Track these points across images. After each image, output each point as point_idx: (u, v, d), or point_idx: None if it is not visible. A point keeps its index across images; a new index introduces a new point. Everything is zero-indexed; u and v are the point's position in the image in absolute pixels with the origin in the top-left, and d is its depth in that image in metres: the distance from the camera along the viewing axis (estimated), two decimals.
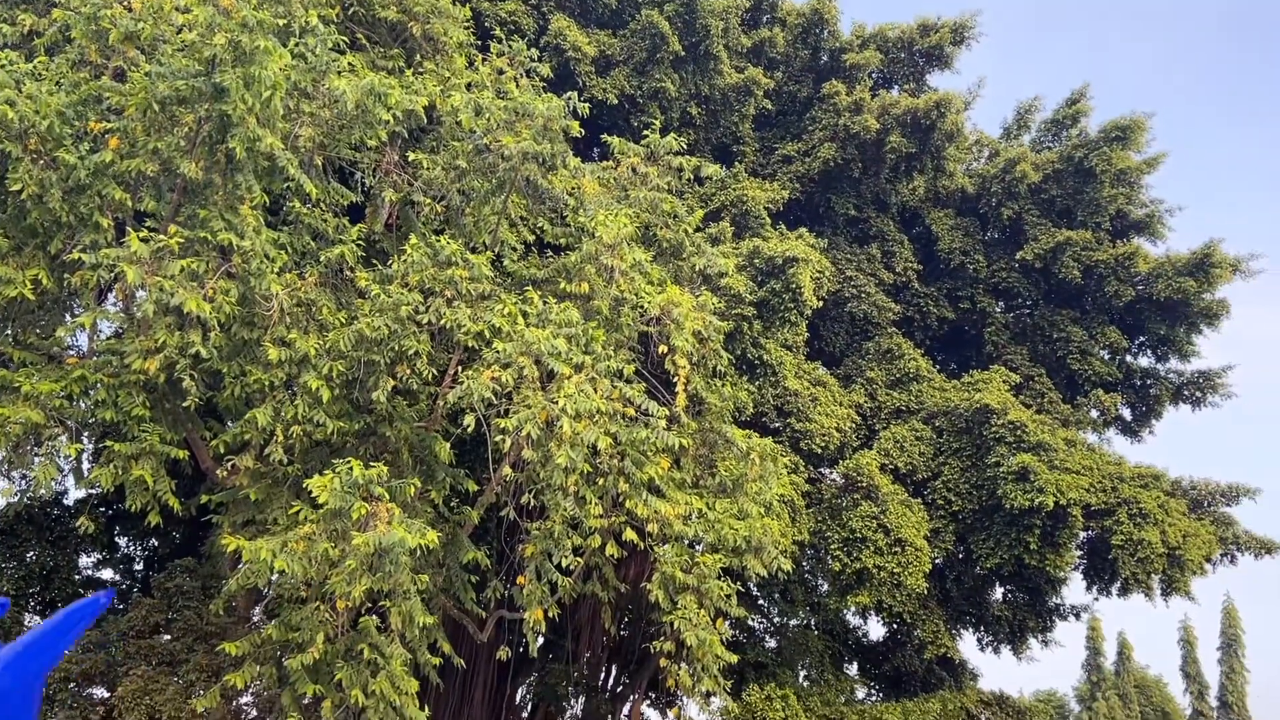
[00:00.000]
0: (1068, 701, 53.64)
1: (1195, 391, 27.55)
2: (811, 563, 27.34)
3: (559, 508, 13.27)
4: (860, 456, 23.33)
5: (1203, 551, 23.95)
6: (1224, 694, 47.21)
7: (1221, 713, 46.86)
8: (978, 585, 27.29)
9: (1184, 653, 47.89)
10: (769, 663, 25.53)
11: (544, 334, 13.10)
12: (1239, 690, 47.16)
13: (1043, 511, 22.38)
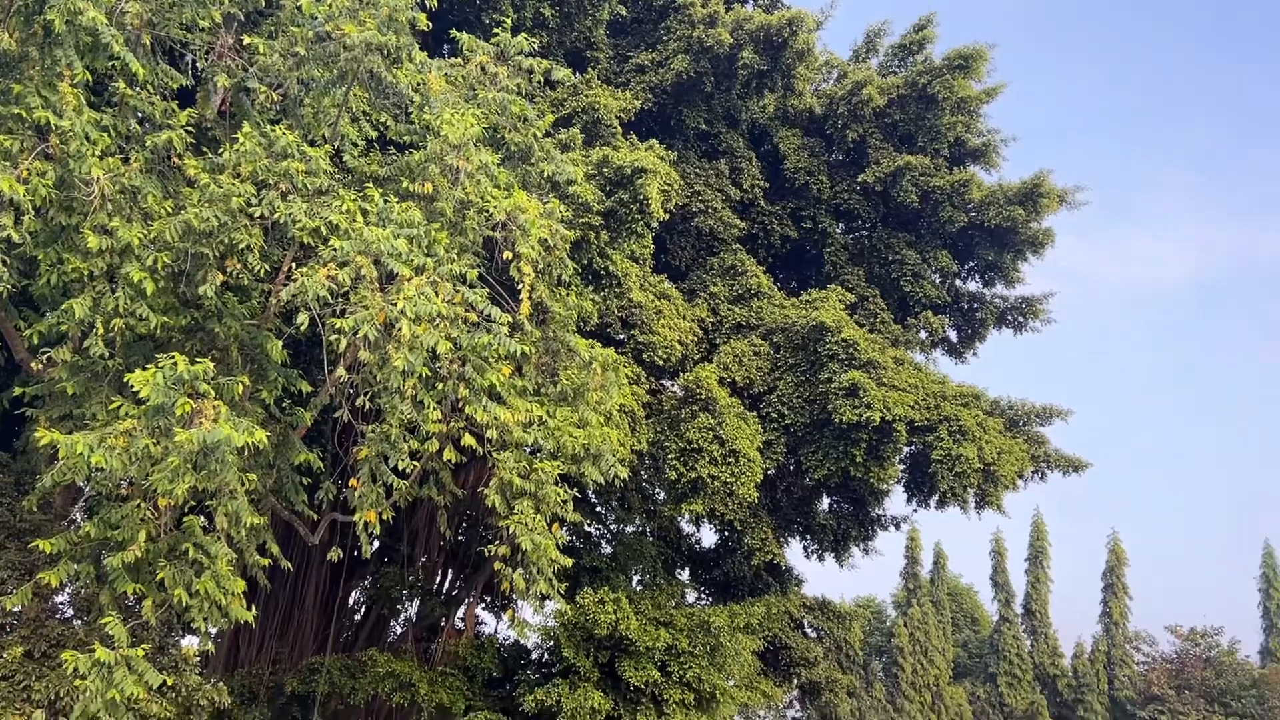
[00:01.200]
0: (885, 607, 56.56)
1: (1018, 316, 28.90)
2: (649, 472, 27.81)
3: (396, 411, 13.10)
4: (700, 369, 23.71)
5: (1016, 468, 25.31)
6: (1029, 602, 50.47)
7: (1025, 619, 50.13)
8: (806, 496, 28.30)
9: (994, 563, 50.86)
10: (604, 568, 26.01)
11: (384, 233, 12.77)
12: (1042, 598, 50.49)
13: (870, 426, 23.22)
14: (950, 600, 51.11)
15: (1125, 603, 50.50)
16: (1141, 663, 50.52)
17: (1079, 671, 48.57)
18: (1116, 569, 50.89)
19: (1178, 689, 47.75)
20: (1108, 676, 48.58)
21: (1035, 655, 49.18)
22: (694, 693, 22.27)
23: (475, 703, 22.84)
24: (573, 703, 21.13)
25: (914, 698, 44.68)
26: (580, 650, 22.10)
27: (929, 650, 45.99)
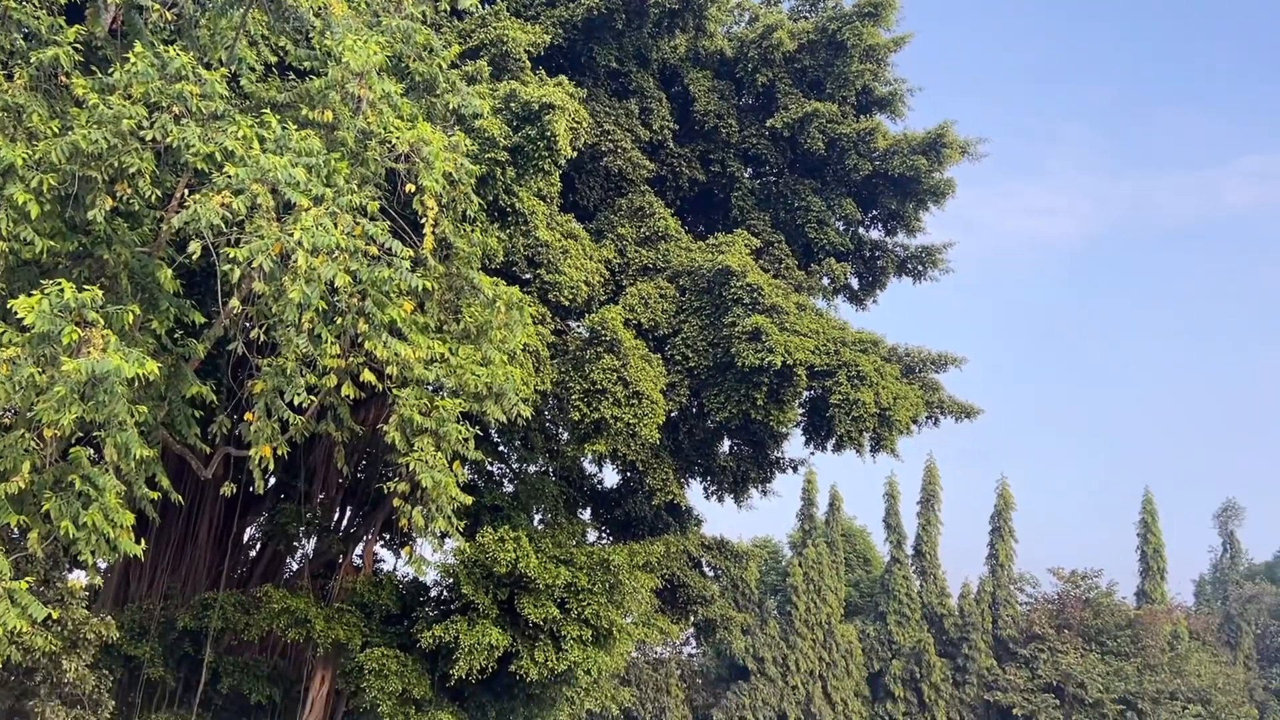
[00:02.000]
0: (781, 547, 57.74)
1: (918, 265, 29.42)
2: (553, 412, 27.83)
3: (292, 345, 12.85)
4: (606, 311, 23.70)
5: (910, 413, 25.88)
6: (919, 543, 51.98)
7: (915, 560, 51.63)
8: (707, 438, 28.61)
9: (887, 506, 52.15)
10: (505, 506, 26.04)
11: (281, 161, 12.41)
12: (932, 540, 52.04)
13: (771, 370, 23.51)
14: (844, 541, 52.33)
15: (1011, 545, 52.32)
16: (1024, 603, 52.52)
17: (965, 611, 50.28)
18: (1004, 513, 52.64)
19: (1058, 628, 49.79)
20: (992, 616, 50.38)
21: (924, 595, 50.76)
22: (592, 629, 22.52)
23: (372, 639, 22.81)
24: (470, 639, 21.22)
25: (806, 635, 45.86)
26: (479, 588, 22.16)
27: (822, 589, 47.16)
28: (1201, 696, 49.25)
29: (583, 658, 22.37)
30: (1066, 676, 46.99)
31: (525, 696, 24.00)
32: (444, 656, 22.14)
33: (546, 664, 21.95)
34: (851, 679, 46.42)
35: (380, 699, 21.75)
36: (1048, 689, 47.09)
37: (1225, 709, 49.94)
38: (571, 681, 23.10)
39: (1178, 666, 49.93)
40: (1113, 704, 46.64)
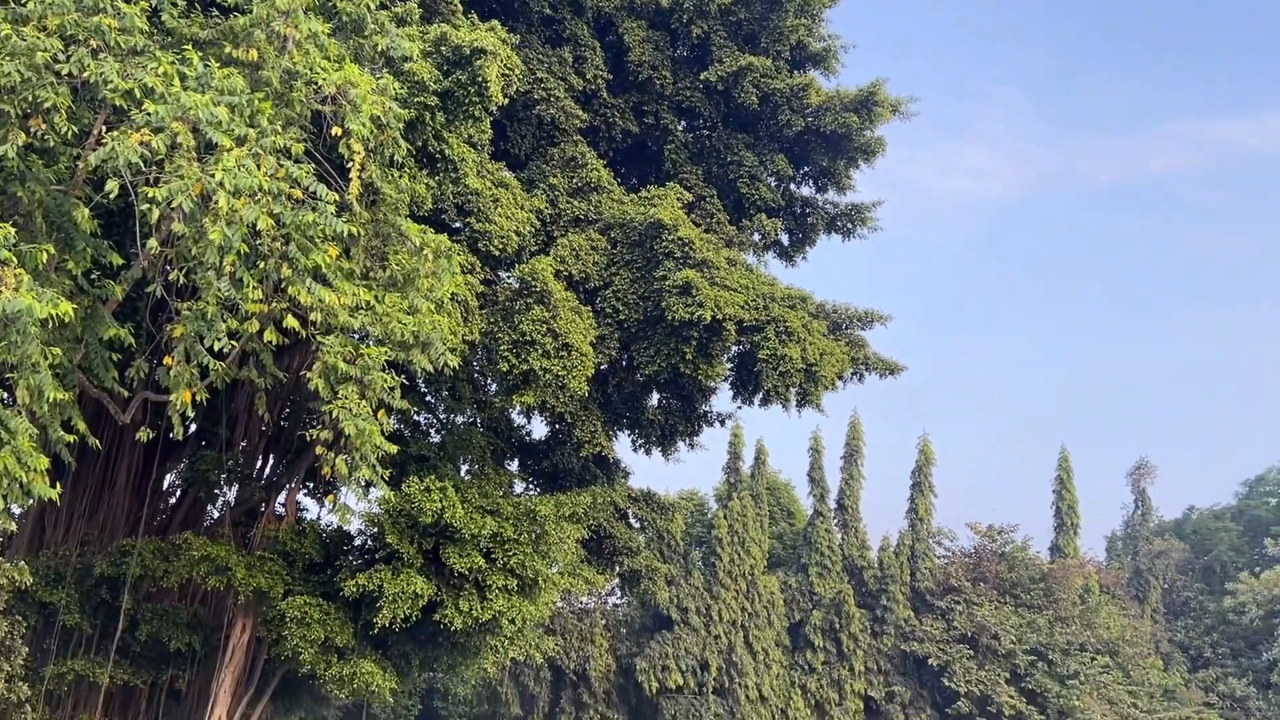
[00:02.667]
0: (707, 500, 58.29)
1: (847, 223, 29.65)
2: (481, 363, 27.68)
3: (212, 288, 12.60)
4: (537, 261, 23.57)
5: (836, 369, 26.19)
6: (842, 497, 52.78)
7: (838, 513, 52.45)
8: (636, 391, 28.71)
9: (812, 460, 52.79)
10: (432, 456, 25.92)
11: (203, 100, 12.10)
12: (854, 495, 52.87)
13: (701, 324, 23.61)
14: (769, 494, 52.97)
15: (931, 501, 53.40)
16: (942, 556, 53.72)
17: (884, 564, 51.30)
18: (925, 468, 53.65)
19: (974, 581, 51.07)
20: (910, 569, 51.48)
21: (845, 548, 51.66)
22: (517, 579, 22.60)
23: (295, 587, 22.66)
24: (395, 587, 21.17)
25: (730, 586, 46.49)
26: (404, 537, 22.09)
27: (746, 541, 47.78)
28: (1110, 648, 50.98)
29: (507, 607, 22.47)
30: (981, 628, 48.30)
31: (449, 645, 24.06)
32: (367, 605, 22.07)
33: (471, 613, 22.01)
34: (773, 629, 47.22)
35: (302, 647, 21.66)
36: (962, 640, 48.38)
37: (1132, 660, 51.78)
38: (496, 630, 23.18)
39: (1088, 619, 51.55)
40: (1024, 655, 48.09)
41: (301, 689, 28.38)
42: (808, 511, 54.17)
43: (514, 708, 42.47)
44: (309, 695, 29.26)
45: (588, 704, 42.81)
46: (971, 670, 47.39)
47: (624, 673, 44.02)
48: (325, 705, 32.15)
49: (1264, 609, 60.94)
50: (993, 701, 46.88)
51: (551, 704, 43.04)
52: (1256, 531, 69.22)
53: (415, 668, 25.91)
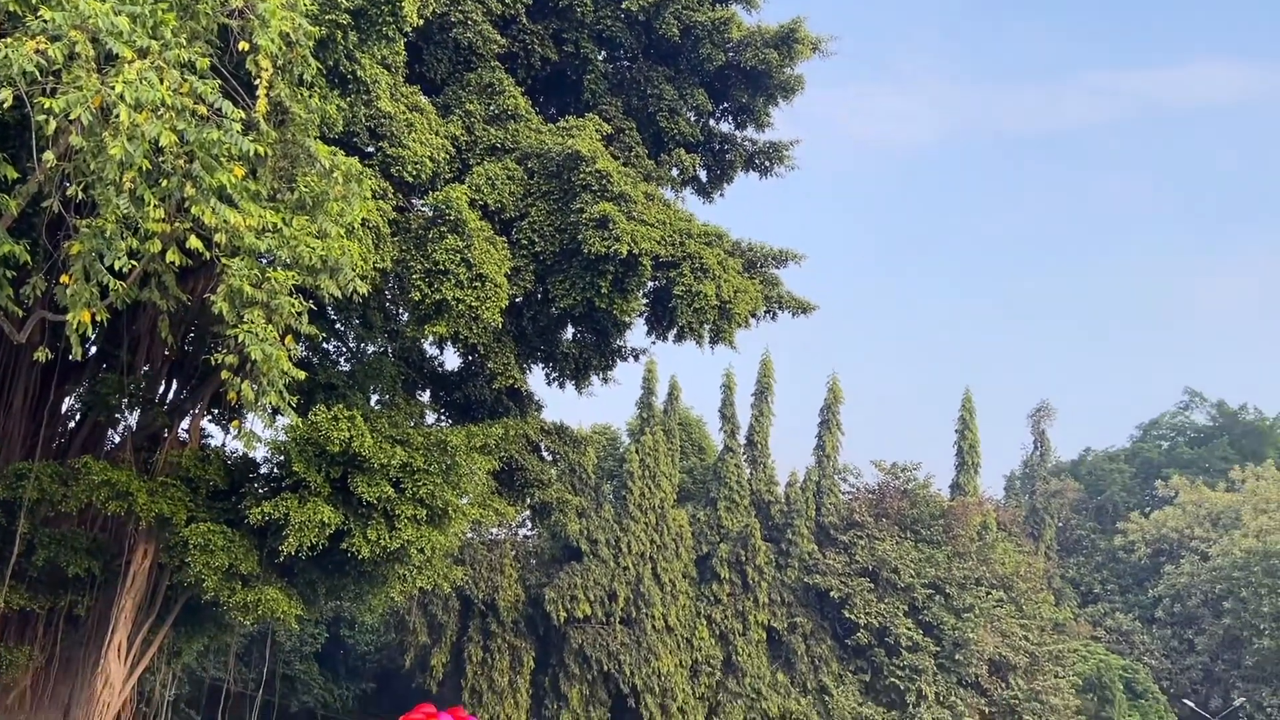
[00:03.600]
0: (620, 434, 58.66)
1: (765, 160, 29.68)
2: (393, 291, 27.29)
3: (112, 205, 12.16)
4: (451, 189, 23.19)
5: (750, 307, 26.38)
6: (752, 434, 53.48)
7: (747, 449, 53.18)
8: (551, 324, 28.60)
9: (724, 397, 53.34)
10: (341, 385, 25.61)
11: (103, 8, 11.56)
12: (764, 431, 53.62)
13: (617, 259, 23.54)
14: (681, 430, 53.43)
15: (838, 438, 54.37)
16: (847, 492, 54.90)
17: (791, 499, 52.26)
18: (833, 406, 54.55)
19: (876, 517, 52.34)
20: (816, 504, 52.53)
21: (753, 483, 52.49)
22: (427, 509, 22.56)
23: (198, 514, 22.32)
24: (301, 516, 20.99)
25: (640, 519, 46.99)
26: (312, 465, 21.86)
27: (657, 476, 48.25)
28: (1004, 583, 52.80)
29: (416, 536, 22.44)
30: (882, 562, 49.62)
31: (357, 573, 24.00)
32: (273, 533, 21.87)
33: (379, 542, 21.93)
34: (681, 561, 47.95)
35: (205, 574, 21.41)
36: (864, 573, 49.68)
37: (1025, 595, 53.72)
38: (404, 560, 23.16)
39: (984, 555, 53.26)
40: (922, 588, 49.58)
41: (205, 615, 28.13)
42: (718, 447, 54.81)
43: (421, 636, 42.65)
44: (212, 622, 29.02)
45: (496, 633, 43.16)
46: (871, 603, 48.76)
47: (533, 603, 44.40)
48: (229, 632, 31.90)
49: (1152, 548, 63.69)
50: (890, 633, 48.37)
51: (459, 633, 43.31)
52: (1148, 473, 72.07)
53: (322, 596, 25.82)
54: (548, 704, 44.35)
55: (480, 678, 42.69)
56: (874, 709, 47.35)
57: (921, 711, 46.79)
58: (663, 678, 44.77)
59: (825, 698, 47.78)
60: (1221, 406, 77.79)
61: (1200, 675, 58.81)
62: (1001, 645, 49.31)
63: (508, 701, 42.76)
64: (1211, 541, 60.75)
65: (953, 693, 47.82)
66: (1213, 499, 63.85)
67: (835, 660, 49.28)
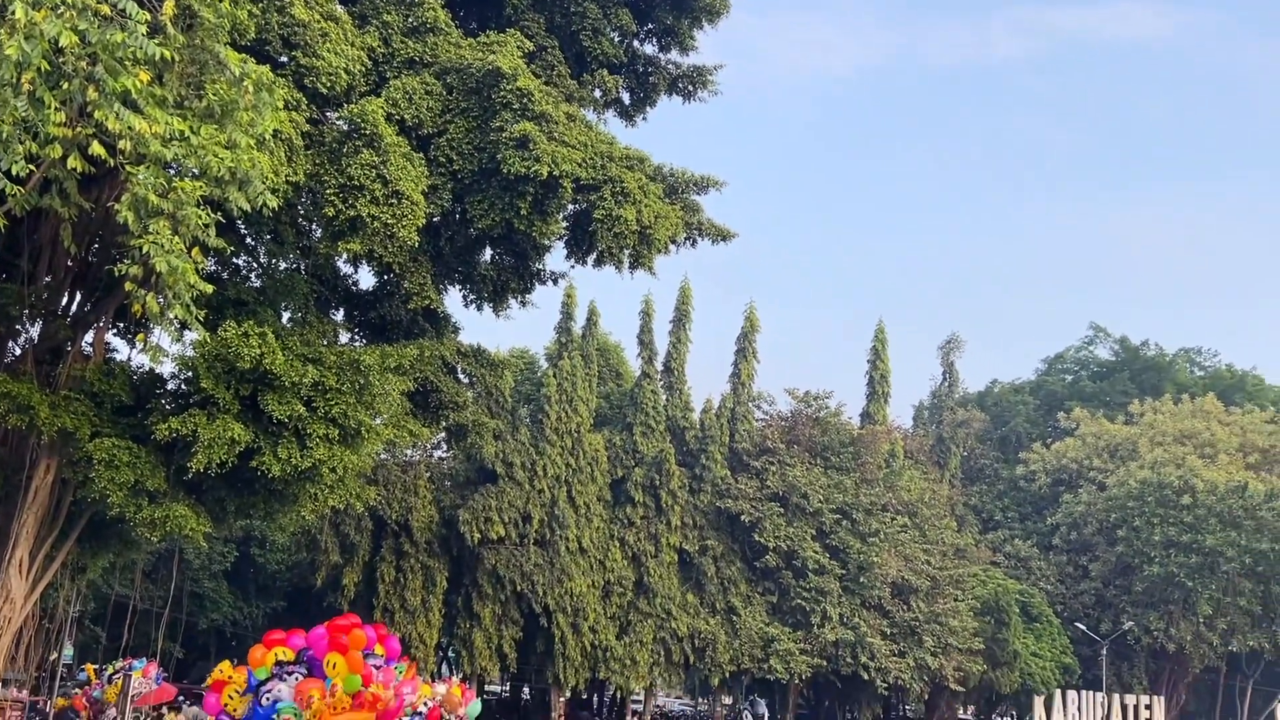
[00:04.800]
0: (538, 359, 58.56)
1: (688, 84, 29.47)
2: (306, 206, 26.70)
3: (9, 107, 11.68)
4: (367, 103, 22.67)
5: (670, 232, 26.38)
6: (669, 360, 53.74)
7: (664, 376, 53.47)
8: (469, 245, 28.31)
9: (642, 323, 53.41)
10: (251, 301, 25.12)
11: None
12: (681, 358, 53.90)
13: (537, 180, 23.31)
14: (598, 355, 53.50)
15: (753, 365, 54.93)
16: (760, 420, 55.62)
17: (706, 425, 52.82)
18: (749, 335, 55.01)
19: (788, 444, 53.17)
20: (730, 430, 53.18)
21: (669, 409, 52.90)
22: (339, 428, 22.39)
23: (103, 429, 21.87)
24: (210, 433, 20.69)
25: (556, 442, 47.15)
26: (221, 382, 21.51)
27: (574, 400, 48.35)
28: (909, 509, 54.23)
29: (328, 456, 22.30)
30: (792, 487, 50.58)
31: (267, 492, 23.80)
32: (181, 450, 21.54)
33: (290, 461, 21.75)
34: (595, 484, 48.32)
35: (111, 490, 21.05)
36: (774, 498, 50.60)
37: (928, 521, 55.28)
38: (316, 479, 23.00)
39: (891, 482, 54.57)
40: (830, 513, 50.71)
41: (110, 532, 27.74)
42: (635, 373, 55.01)
43: (334, 556, 42.51)
44: (118, 538, 28.64)
45: (409, 553, 43.22)
46: (781, 527, 49.78)
47: (447, 524, 44.46)
48: (136, 549, 31.50)
49: (1051, 477, 65.77)
50: (798, 556, 49.51)
51: (372, 553, 43.28)
52: (1051, 405, 74.11)
53: (231, 514, 25.59)
54: (460, 623, 44.71)
55: (393, 597, 42.81)
56: (780, 629, 48.60)
57: (825, 632, 48.15)
58: (575, 598, 45.35)
59: (733, 618, 48.89)
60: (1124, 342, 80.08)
61: (1092, 600, 61.21)
62: (904, 569, 50.78)
63: (420, 620, 43.01)
64: (1109, 472, 62.88)
65: (856, 614, 49.25)
66: (1111, 431, 65.97)
67: (744, 582, 50.36)
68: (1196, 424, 63.54)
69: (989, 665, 52.83)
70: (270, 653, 15.27)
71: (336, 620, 16.67)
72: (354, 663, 15.09)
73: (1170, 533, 57.12)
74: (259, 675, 15.20)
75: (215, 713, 16.61)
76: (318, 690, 14.53)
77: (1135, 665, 62.28)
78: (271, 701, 14.77)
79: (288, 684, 14.96)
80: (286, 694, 14.77)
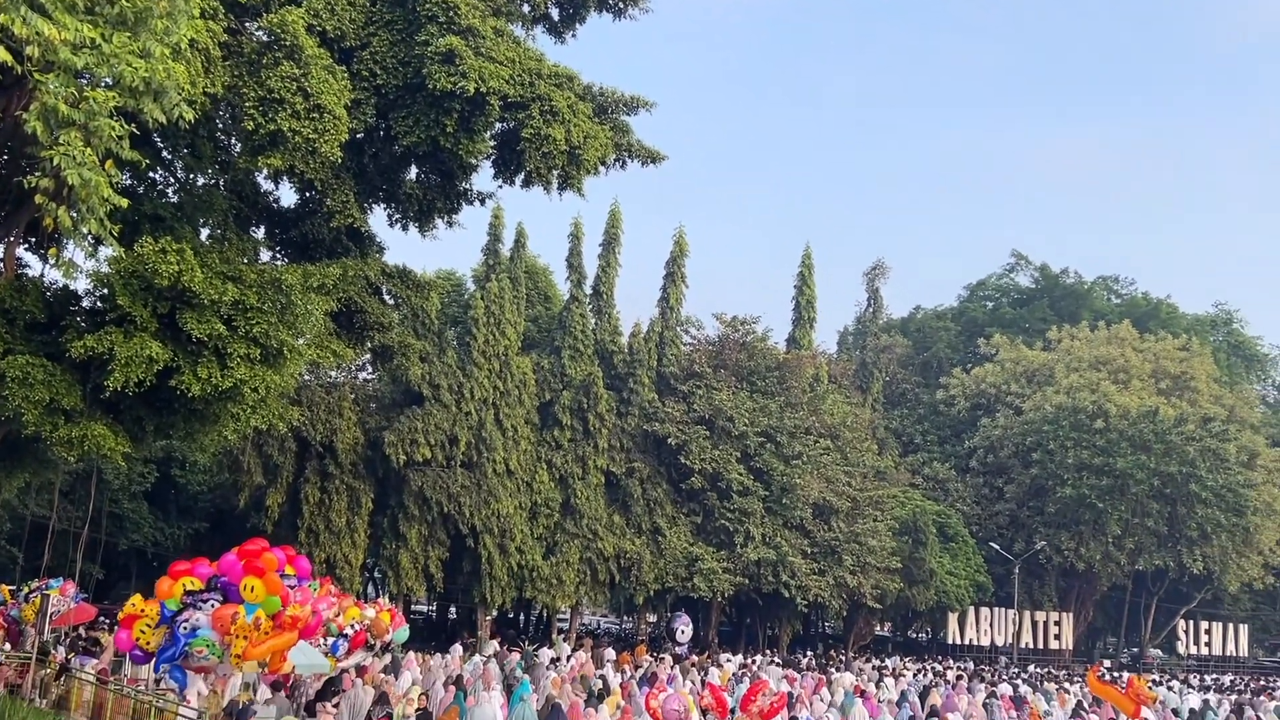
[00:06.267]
0: (465, 281, 58.04)
1: (619, 2, 28.97)
2: (224, 119, 26.04)
3: None
4: (287, 12, 22.03)
5: (599, 154, 26.19)
6: (598, 284, 53.58)
7: (593, 299, 53.34)
8: (394, 162, 27.85)
9: (571, 246, 53.06)
10: (169, 217, 24.50)
11: None
12: (610, 282, 53.77)
13: (464, 96, 22.92)
14: (527, 278, 53.17)
15: (682, 290, 55.04)
16: (688, 344, 55.92)
17: (634, 349, 52.97)
18: (679, 259, 55.01)
19: (715, 368, 53.58)
20: (658, 354, 53.42)
21: (598, 333, 52.91)
22: (260, 348, 22.06)
23: (15, 347, 21.30)
24: (127, 351, 20.27)
25: (483, 365, 46.95)
26: (138, 299, 21.03)
27: (502, 323, 48.09)
28: (832, 432, 55.15)
29: (250, 376, 21.99)
30: (718, 411, 51.09)
31: (187, 411, 23.44)
32: (97, 368, 21.10)
33: (210, 380, 21.42)
34: (523, 407, 48.32)
35: (25, 408, 20.59)
36: (701, 421, 51.11)
37: (850, 444, 56.31)
38: (237, 399, 22.69)
39: (815, 405, 55.36)
40: (755, 436, 51.38)
41: (25, 451, 27.21)
42: (564, 296, 54.83)
43: (256, 477, 42.08)
44: (34, 458, 28.09)
45: (334, 474, 42.93)
46: (706, 449, 50.36)
47: (372, 446, 44.20)
48: (52, 469, 30.91)
49: (970, 402, 67.29)
50: (723, 478, 50.22)
51: (296, 474, 42.91)
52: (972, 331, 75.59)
53: (150, 433, 25.20)
54: (386, 544, 44.73)
55: (317, 518, 42.61)
56: (704, 549, 49.42)
57: (748, 551, 49.07)
58: (502, 519, 45.58)
59: (659, 538, 49.59)
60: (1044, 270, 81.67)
61: (1007, 521, 63.13)
62: (826, 490, 51.79)
63: (345, 541, 42.93)
64: (1026, 397, 64.50)
65: (778, 534, 50.24)
66: (1029, 357, 67.53)
67: (670, 503, 51.01)
68: (1111, 350, 65.29)
69: (906, 583, 54.39)
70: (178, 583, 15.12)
71: (245, 545, 16.53)
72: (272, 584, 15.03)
73: (1083, 456, 58.93)
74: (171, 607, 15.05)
75: (128, 648, 16.41)
76: (237, 616, 14.45)
77: (1046, 583, 64.58)
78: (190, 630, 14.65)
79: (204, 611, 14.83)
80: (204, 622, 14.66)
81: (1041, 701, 30.92)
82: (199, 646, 14.64)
